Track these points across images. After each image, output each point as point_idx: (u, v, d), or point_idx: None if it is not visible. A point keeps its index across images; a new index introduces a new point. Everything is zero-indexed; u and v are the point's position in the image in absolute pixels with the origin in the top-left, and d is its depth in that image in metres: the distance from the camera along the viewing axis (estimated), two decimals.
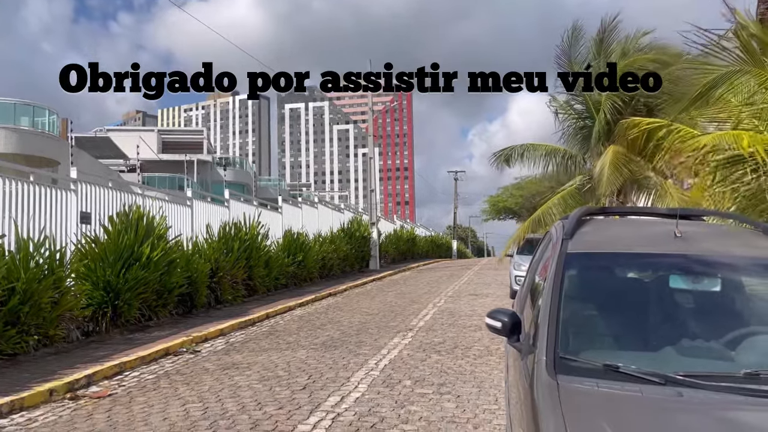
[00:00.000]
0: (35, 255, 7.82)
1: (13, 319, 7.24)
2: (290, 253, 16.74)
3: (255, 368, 7.10)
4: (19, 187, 8.79)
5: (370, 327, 10.18)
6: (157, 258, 9.86)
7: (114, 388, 6.32)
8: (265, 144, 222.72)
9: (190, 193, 14.32)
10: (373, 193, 28.55)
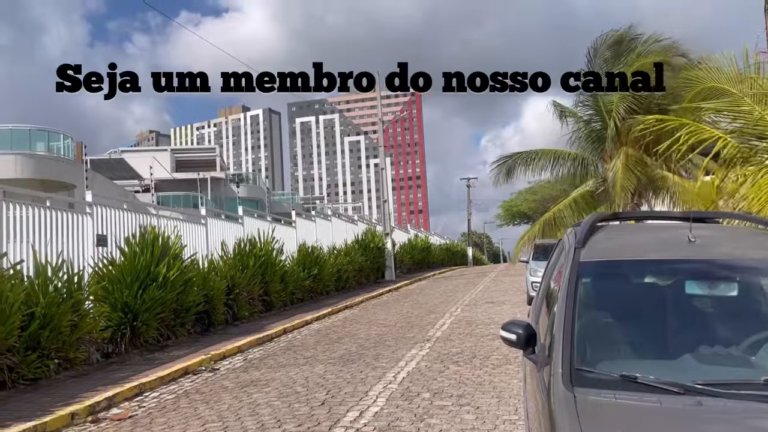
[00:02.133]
0: (53, 279, 7.91)
1: (33, 344, 7.32)
2: (305, 267, 16.77)
3: (273, 385, 7.11)
4: (36, 213, 8.91)
5: (387, 339, 10.16)
6: (173, 277, 9.94)
7: (134, 409, 6.36)
8: (277, 159, 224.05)
9: (204, 211, 14.42)
10: (386, 204, 28.57)
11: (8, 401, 6.48)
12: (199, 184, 47.62)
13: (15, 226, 8.47)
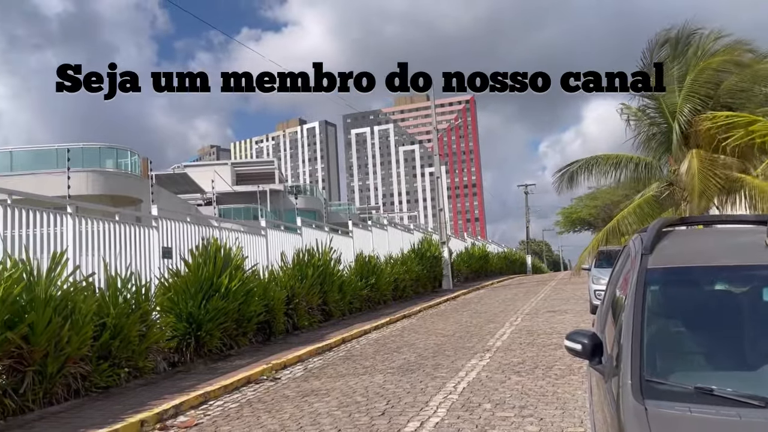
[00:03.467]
0: (123, 290, 8.22)
1: (105, 353, 7.62)
2: (363, 277, 16.85)
3: (334, 394, 7.15)
4: (106, 227, 9.30)
5: (446, 349, 10.07)
6: (235, 288, 10.16)
7: (200, 417, 6.51)
8: (333, 170, 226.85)
9: (264, 222, 14.71)
10: (442, 212, 28.43)
11: (81, 408, 6.75)
12: (259, 196, 48.68)
13: (87, 240, 8.86)
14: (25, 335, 6.49)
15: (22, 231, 7.73)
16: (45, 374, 6.73)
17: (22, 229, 7.73)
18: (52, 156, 25.37)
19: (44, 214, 8.17)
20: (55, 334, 6.71)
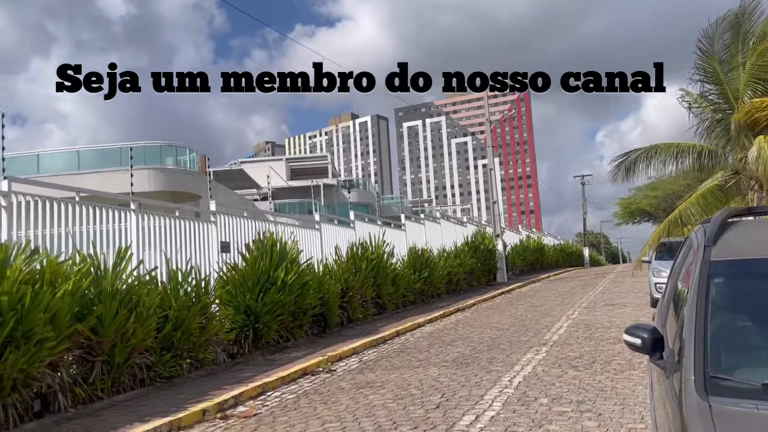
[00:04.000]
0: (184, 284, 8.49)
1: (167, 345, 7.90)
2: (416, 270, 16.86)
3: (388, 387, 7.19)
4: (167, 222, 9.62)
5: (501, 342, 9.97)
6: (291, 281, 10.34)
7: (258, 408, 6.67)
8: (386, 163, 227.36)
9: (318, 217, 14.89)
10: (496, 205, 28.11)
11: (147, 397, 7.02)
12: (313, 190, 49.30)
13: (149, 235, 9.19)
14: (93, 327, 6.79)
15: (89, 227, 8.08)
16: (112, 364, 7.03)
17: (89, 225, 8.08)
18: (115, 155, 26.39)
19: (109, 211, 8.51)
20: (121, 325, 6.99)
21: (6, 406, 5.72)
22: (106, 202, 8.71)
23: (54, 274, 6.40)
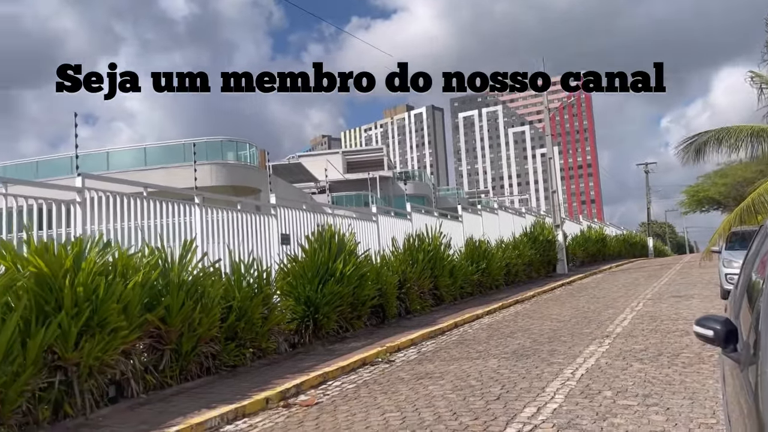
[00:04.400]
0: (246, 276, 8.71)
1: (231, 334, 8.13)
2: (473, 261, 16.74)
3: (448, 378, 7.18)
4: (229, 216, 9.88)
5: (562, 334, 9.80)
6: (349, 273, 10.45)
7: (320, 396, 6.79)
8: (441, 155, 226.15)
9: (374, 209, 14.97)
10: (555, 194, 27.55)
11: (213, 385, 7.26)
12: (369, 183, 49.57)
13: (212, 228, 9.46)
14: (162, 317, 7.06)
15: (157, 221, 8.40)
16: (180, 353, 7.29)
17: (156, 219, 8.39)
18: (179, 151, 27.27)
19: (175, 205, 8.81)
20: (188, 316, 7.24)
21: (83, 391, 6.02)
22: (172, 197, 9.02)
23: (125, 266, 6.68)
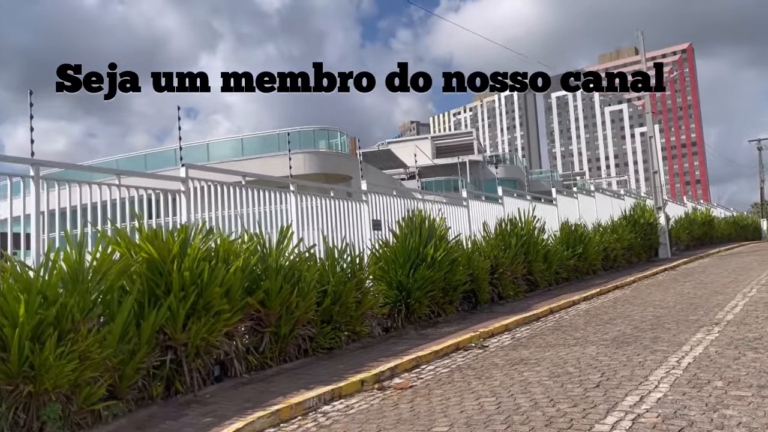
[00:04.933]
0: (340, 261, 8.90)
1: (327, 318, 8.35)
2: (569, 246, 16.26)
3: (543, 364, 7.03)
4: (322, 202, 10.12)
5: (666, 321, 9.33)
6: (440, 258, 10.43)
7: (413, 380, 6.84)
8: (533, 137, 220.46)
9: (465, 193, 14.85)
10: (657, 175, 26.16)
11: (310, 367, 7.49)
12: (459, 167, 49.17)
13: (307, 215, 9.74)
14: (261, 300, 7.35)
15: (254, 208, 8.74)
16: (279, 335, 7.57)
17: (253, 206, 8.73)
18: (274, 140, 28.20)
19: (271, 193, 9.13)
20: (285, 299, 7.50)
21: (191, 370, 6.39)
22: (269, 185, 9.35)
23: (227, 251, 7.00)
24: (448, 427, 4.93)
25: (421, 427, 5.00)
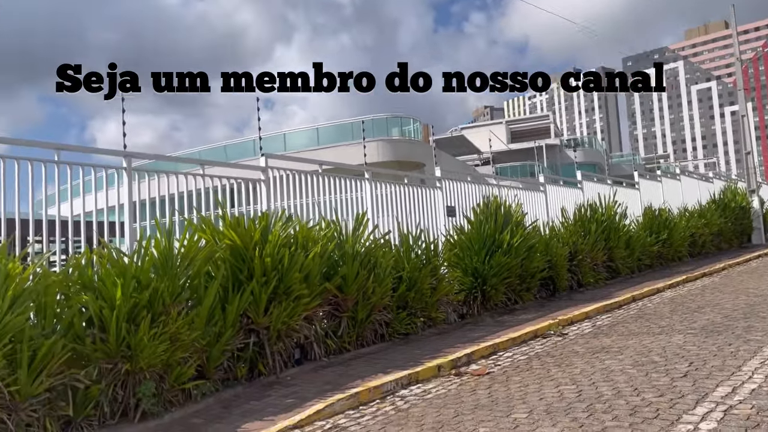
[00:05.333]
0: (414, 247, 8.93)
1: (402, 304, 8.41)
2: (652, 232, 15.64)
3: (627, 353, 6.82)
4: (396, 189, 10.17)
5: (761, 310, 8.82)
6: (517, 244, 10.28)
7: (490, 367, 6.80)
8: (613, 119, 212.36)
9: (542, 178, 14.54)
10: (749, 156, 24.65)
11: (387, 351, 7.58)
12: (535, 152, 48.13)
13: (381, 202, 9.82)
14: (338, 286, 7.49)
15: (331, 196, 8.90)
16: (356, 320, 7.70)
17: (330, 194, 8.89)
18: (348, 129, 28.54)
19: (346, 181, 9.26)
20: (362, 285, 7.61)
21: (273, 353, 6.61)
22: (344, 173, 9.48)
23: (305, 238, 7.17)
24: (527, 413, 4.88)
25: (500, 413, 4.97)
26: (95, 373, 5.06)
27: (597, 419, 4.58)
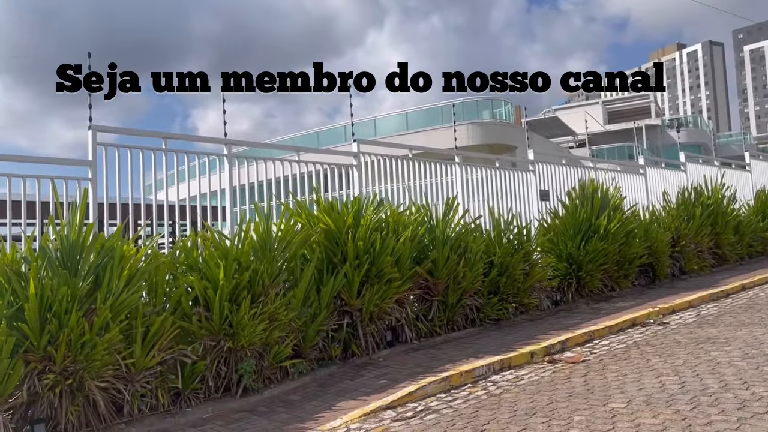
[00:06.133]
0: (506, 232, 8.80)
1: (494, 289, 8.33)
2: (765, 216, 14.57)
3: (735, 344, 6.43)
4: (487, 173, 10.05)
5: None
6: (614, 229, 9.89)
7: (586, 354, 6.62)
8: (721, 96, 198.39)
9: (642, 160, 13.89)
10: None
11: (477, 337, 7.55)
12: (634, 133, 45.96)
13: (472, 186, 9.73)
14: (429, 270, 7.53)
15: (421, 180, 8.92)
16: (447, 304, 7.72)
17: (420, 179, 8.91)
18: (437, 113, 28.38)
19: (436, 165, 9.25)
20: (452, 269, 7.61)
21: (366, 334, 6.76)
22: (434, 158, 9.47)
23: (396, 223, 7.24)
24: (625, 403, 4.73)
25: (596, 401, 4.84)
26: (200, 350, 5.38)
27: (702, 412, 4.37)
